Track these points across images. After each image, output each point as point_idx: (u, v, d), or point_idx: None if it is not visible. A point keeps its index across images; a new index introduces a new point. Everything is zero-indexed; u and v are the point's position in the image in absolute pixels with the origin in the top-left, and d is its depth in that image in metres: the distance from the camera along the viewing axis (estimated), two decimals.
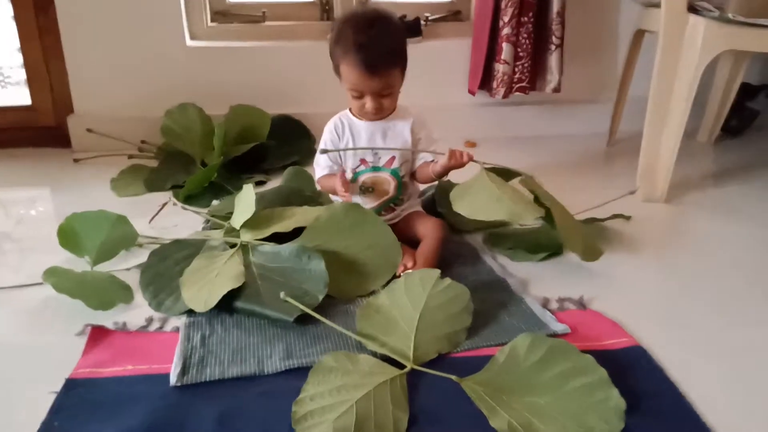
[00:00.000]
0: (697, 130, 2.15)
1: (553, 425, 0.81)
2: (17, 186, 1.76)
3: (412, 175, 1.33)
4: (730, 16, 1.48)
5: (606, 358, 0.90)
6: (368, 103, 1.23)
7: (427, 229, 1.27)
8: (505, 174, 1.28)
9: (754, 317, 1.10)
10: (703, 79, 1.51)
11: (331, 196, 1.38)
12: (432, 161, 1.28)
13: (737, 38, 1.49)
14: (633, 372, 0.92)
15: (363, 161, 1.30)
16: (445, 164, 1.21)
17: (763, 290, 1.19)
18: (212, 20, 2.04)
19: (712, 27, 1.46)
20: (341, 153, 1.30)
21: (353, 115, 1.30)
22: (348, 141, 1.30)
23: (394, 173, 1.30)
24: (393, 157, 1.29)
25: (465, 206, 1.15)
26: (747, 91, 2.16)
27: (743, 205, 1.63)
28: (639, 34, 1.90)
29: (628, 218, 1.48)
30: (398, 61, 1.22)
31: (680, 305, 1.14)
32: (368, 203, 1.31)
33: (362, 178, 1.31)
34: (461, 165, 1.21)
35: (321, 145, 1.32)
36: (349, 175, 1.31)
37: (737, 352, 1.00)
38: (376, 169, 1.30)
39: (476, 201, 1.16)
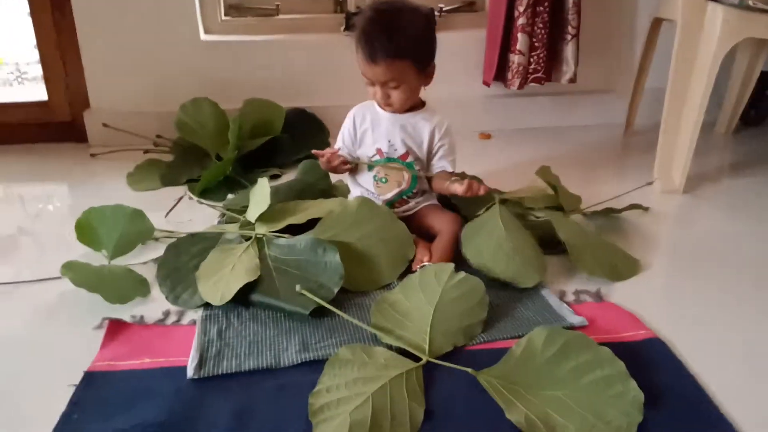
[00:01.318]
0: (716, 121, 2.12)
1: (570, 418, 0.80)
2: (34, 181, 1.78)
3: (428, 180, 1.32)
4: (750, 2, 1.45)
5: (624, 350, 0.89)
6: (377, 92, 1.24)
7: (443, 223, 1.26)
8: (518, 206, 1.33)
9: (767, 310, 1.09)
10: (722, 69, 1.48)
11: (349, 184, 1.38)
12: (451, 174, 1.28)
13: (757, 26, 1.46)
14: (651, 364, 0.91)
15: (379, 151, 1.30)
16: (461, 194, 1.21)
17: None
18: (226, 14, 2.04)
19: (732, 14, 1.44)
20: (357, 139, 1.33)
21: (378, 104, 1.31)
22: (366, 129, 1.31)
23: (409, 166, 1.29)
24: (408, 151, 1.29)
25: (472, 251, 1.17)
26: (766, 81, 2.12)
27: (761, 196, 1.60)
28: (657, 23, 1.88)
29: (646, 209, 1.47)
30: (405, 55, 1.19)
31: (697, 297, 1.13)
32: (382, 194, 1.31)
33: (377, 168, 1.31)
34: (476, 196, 1.21)
35: (341, 130, 1.34)
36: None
37: (755, 345, 0.99)
38: (390, 160, 1.30)
39: (484, 248, 1.16)
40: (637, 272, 1.20)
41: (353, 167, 1.34)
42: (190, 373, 0.90)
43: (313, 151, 1.30)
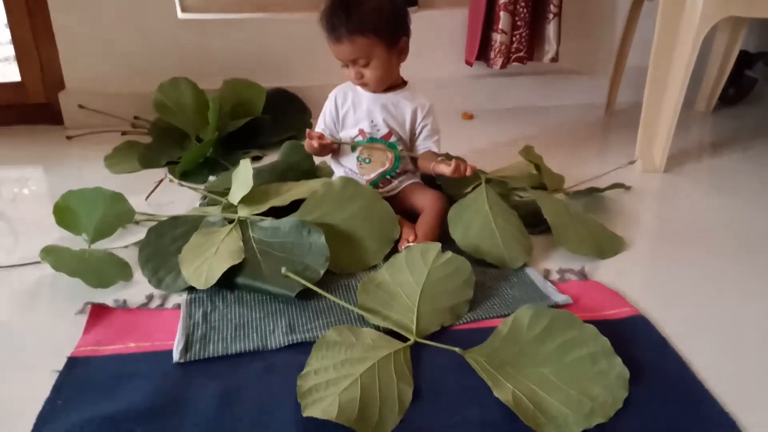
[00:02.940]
0: (695, 99, 2.14)
1: (556, 395, 0.81)
2: (9, 164, 1.74)
3: (413, 160, 1.32)
4: None
5: (608, 327, 0.90)
6: (350, 72, 1.24)
7: (426, 201, 1.26)
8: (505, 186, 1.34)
9: (749, 288, 1.10)
10: (701, 48, 1.48)
11: (333, 166, 1.37)
12: (436, 154, 1.28)
13: (738, 4, 1.47)
14: (635, 341, 0.92)
15: (361, 131, 1.29)
16: (448, 175, 1.20)
17: (757, 262, 1.19)
18: None
19: None
20: (339, 120, 1.32)
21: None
22: (348, 110, 1.30)
23: (392, 146, 1.29)
24: (391, 131, 1.28)
25: (458, 232, 1.18)
26: (745, 59, 2.14)
27: (740, 174, 1.62)
28: (638, 2, 1.88)
29: (628, 188, 1.48)
30: (366, 30, 1.17)
31: (680, 275, 1.14)
32: (365, 174, 1.30)
33: (360, 149, 1.30)
34: (464, 177, 1.21)
35: (323, 111, 1.33)
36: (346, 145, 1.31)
37: (738, 321, 1.00)
38: (373, 140, 1.29)
39: (470, 228, 1.17)
40: (621, 250, 1.21)
41: (336, 149, 1.33)
42: (176, 356, 0.89)
43: (308, 131, 1.28)
